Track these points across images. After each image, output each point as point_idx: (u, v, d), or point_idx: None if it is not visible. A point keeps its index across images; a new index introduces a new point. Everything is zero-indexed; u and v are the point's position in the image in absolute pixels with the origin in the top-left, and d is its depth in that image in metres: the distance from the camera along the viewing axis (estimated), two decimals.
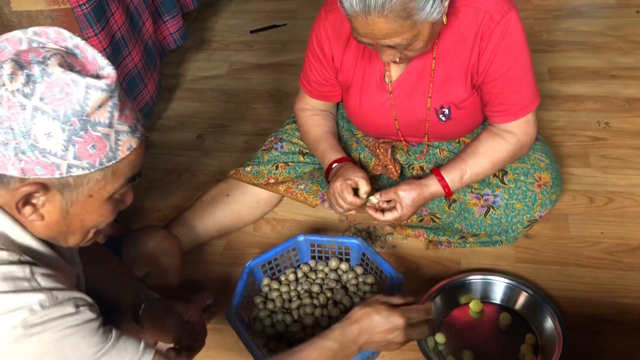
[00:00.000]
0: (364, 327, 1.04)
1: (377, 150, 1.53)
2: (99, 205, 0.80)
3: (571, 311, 1.34)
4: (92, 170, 0.75)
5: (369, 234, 1.58)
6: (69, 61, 0.73)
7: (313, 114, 1.56)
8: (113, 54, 1.75)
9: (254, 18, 2.75)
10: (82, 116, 0.71)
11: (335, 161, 1.46)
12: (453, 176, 1.38)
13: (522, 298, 1.35)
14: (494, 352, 1.28)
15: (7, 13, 1.67)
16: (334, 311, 1.30)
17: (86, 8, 1.61)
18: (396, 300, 1.09)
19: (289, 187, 1.58)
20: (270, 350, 1.26)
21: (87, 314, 0.78)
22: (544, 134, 1.84)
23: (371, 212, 1.38)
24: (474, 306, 1.36)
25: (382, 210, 1.38)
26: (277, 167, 1.60)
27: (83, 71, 0.74)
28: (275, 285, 1.38)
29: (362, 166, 1.58)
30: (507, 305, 1.36)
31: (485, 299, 1.38)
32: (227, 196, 1.59)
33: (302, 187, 1.58)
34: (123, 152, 0.77)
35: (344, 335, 1.03)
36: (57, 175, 0.73)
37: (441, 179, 1.38)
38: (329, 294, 1.35)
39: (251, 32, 2.65)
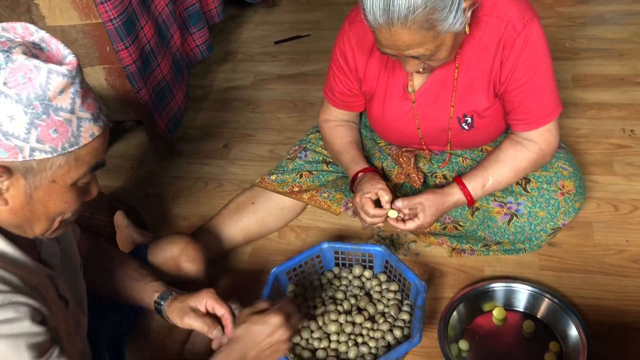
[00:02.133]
0: (247, 342, 1.03)
1: (400, 159, 1.55)
2: (63, 191, 0.81)
3: (595, 319, 1.34)
4: (55, 155, 0.76)
5: (392, 242, 1.60)
6: (34, 52, 0.76)
7: (337, 124, 1.58)
8: (143, 66, 1.81)
9: (278, 29, 2.80)
10: (44, 100, 0.74)
11: (359, 172, 1.47)
12: (475, 184, 1.39)
13: (545, 306, 1.35)
14: None
15: (41, 28, 1.73)
16: (358, 318, 1.32)
17: (117, 22, 1.67)
18: (261, 305, 1.09)
19: (312, 195, 1.61)
20: (296, 355, 1.29)
21: (25, 325, 0.77)
22: (567, 141, 1.84)
23: (392, 222, 1.39)
24: (497, 314, 1.37)
25: (404, 220, 1.39)
26: (301, 176, 1.63)
27: (49, 60, 0.76)
28: (299, 291, 1.41)
29: (385, 175, 1.60)
30: (530, 313, 1.37)
31: (508, 306, 1.39)
32: (252, 204, 1.62)
33: (326, 195, 1.60)
34: (85, 139, 0.78)
35: (230, 358, 1.02)
36: (20, 159, 0.74)
37: (463, 187, 1.39)
38: (353, 301, 1.37)
39: (275, 43, 2.70)
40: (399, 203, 1.37)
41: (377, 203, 1.39)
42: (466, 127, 1.41)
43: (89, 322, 1.19)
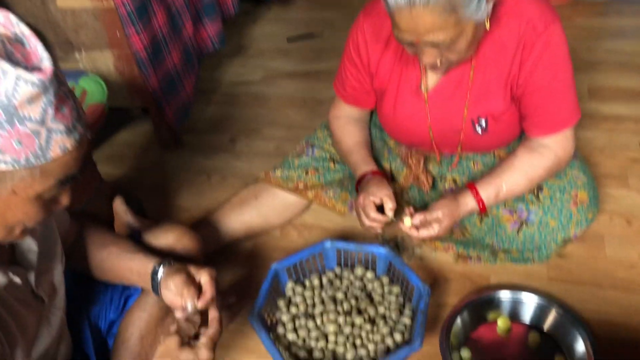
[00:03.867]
0: None
1: (409, 161, 1.51)
2: (23, 203, 0.75)
3: (604, 334, 1.29)
4: (17, 167, 0.70)
5: (396, 244, 1.56)
6: (9, 49, 0.69)
7: (347, 122, 1.54)
8: (154, 54, 1.78)
9: (291, 27, 2.77)
10: (9, 108, 0.66)
11: (365, 174, 1.43)
12: (489, 192, 1.34)
13: (552, 318, 1.31)
14: None
15: (52, 10, 1.71)
16: (357, 319, 1.28)
17: (130, 7, 1.64)
18: (189, 332, 1.01)
19: (317, 193, 1.57)
20: (292, 354, 1.24)
21: None
22: (582, 153, 1.80)
23: (405, 229, 1.34)
24: (502, 323, 1.33)
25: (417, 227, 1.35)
26: (307, 173, 1.59)
27: (24, 61, 0.69)
28: (299, 289, 1.37)
29: (393, 176, 1.56)
30: (536, 325, 1.32)
31: (514, 316, 1.34)
32: (255, 199, 1.59)
33: (331, 193, 1.57)
34: (55, 152, 0.72)
35: None
36: None
37: (476, 195, 1.34)
38: (353, 302, 1.33)
39: (288, 40, 2.67)
40: (416, 220, 1.32)
41: (380, 208, 1.35)
42: (479, 130, 1.37)
43: (76, 308, 1.16)
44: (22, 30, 0.72)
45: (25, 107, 0.68)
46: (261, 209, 1.59)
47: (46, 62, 0.70)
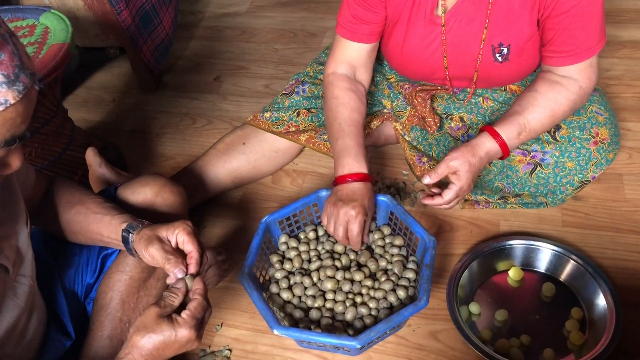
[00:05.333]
0: (149, 354, 0.84)
1: (415, 100, 1.37)
2: None
3: (623, 283, 1.20)
4: None
5: (398, 191, 1.45)
6: None
7: (349, 88, 1.30)
8: None
9: None
10: None
11: (351, 175, 1.20)
12: (510, 134, 1.18)
13: (568, 267, 1.21)
14: (535, 327, 1.15)
15: None
16: (357, 275, 1.18)
17: None
18: (172, 301, 0.87)
19: (311, 137, 1.44)
20: (286, 315, 1.15)
21: None
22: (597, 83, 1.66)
23: (427, 201, 1.19)
24: (513, 274, 1.23)
25: (436, 194, 1.19)
26: (298, 114, 1.45)
27: None
28: (293, 243, 1.26)
29: (395, 115, 1.42)
30: (551, 275, 1.23)
31: (526, 266, 1.25)
32: (243, 144, 1.45)
33: (326, 137, 1.43)
34: None
35: None
36: None
37: (496, 136, 1.18)
38: (352, 256, 1.23)
39: None
40: (426, 180, 1.16)
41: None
42: (500, 58, 1.22)
43: (49, 273, 1.06)
44: None
45: None
46: (250, 155, 1.46)
47: None
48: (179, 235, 0.93)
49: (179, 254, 0.92)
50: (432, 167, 1.24)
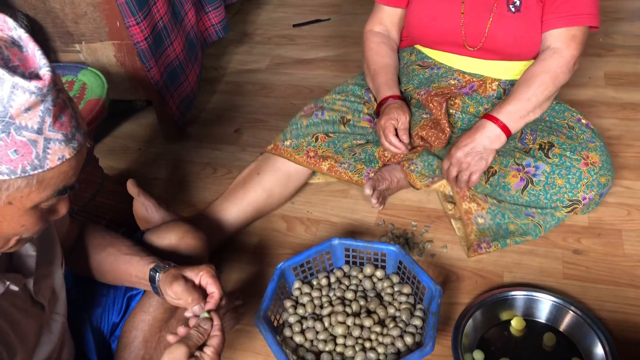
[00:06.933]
0: None
1: (430, 104, 1.51)
2: (20, 214, 0.73)
3: (622, 335, 1.25)
4: (13, 177, 0.68)
5: (406, 241, 1.52)
6: (6, 54, 0.67)
7: (382, 41, 1.64)
8: (155, 44, 1.73)
9: (297, 12, 2.71)
10: (5, 117, 0.64)
11: (388, 97, 1.53)
12: (504, 112, 1.38)
13: (568, 318, 1.26)
14: None
15: (51, 0, 1.66)
16: (367, 321, 1.24)
17: None
18: (198, 341, 0.93)
19: (332, 166, 1.53)
20: (299, 357, 1.21)
21: None
22: None
23: (452, 185, 1.47)
24: (516, 324, 1.28)
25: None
26: (316, 139, 1.55)
27: (21, 67, 0.67)
28: (306, 289, 1.33)
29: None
30: (552, 325, 1.28)
31: (528, 316, 1.30)
32: (257, 175, 1.55)
33: (346, 165, 1.53)
34: (52, 162, 0.70)
35: None
36: None
37: (494, 120, 1.38)
38: (362, 302, 1.29)
39: (294, 26, 2.60)
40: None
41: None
42: (513, 9, 1.39)
43: (78, 312, 1.13)
44: (20, 34, 0.69)
45: (22, 116, 0.66)
46: (265, 184, 1.55)
47: (45, 69, 0.68)
48: (203, 278, 1.01)
49: (201, 294, 1.00)
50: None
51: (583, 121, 1.49)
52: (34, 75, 0.67)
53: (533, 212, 1.43)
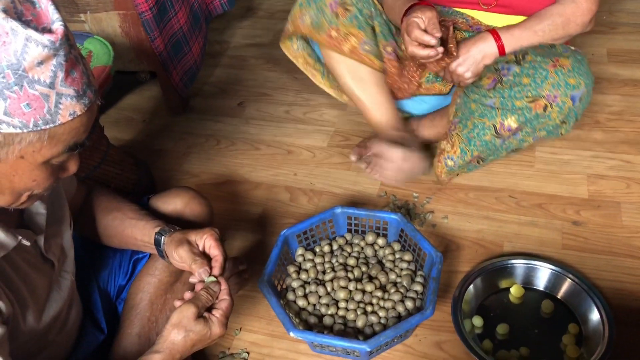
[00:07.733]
0: (184, 349, 0.92)
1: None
2: (31, 168, 0.74)
3: (618, 303, 1.27)
4: (25, 131, 0.68)
5: (408, 211, 1.54)
6: (19, 8, 0.67)
7: None
8: (159, 14, 1.73)
9: None
10: (18, 70, 0.65)
11: (413, 4, 1.40)
12: (511, 33, 1.39)
13: (566, 286, 1.28)
14: (534, 340, 1.23)
15: None
16: (368, 286, 1.26)
17: None
18: (207, 302, 0.96)
19: (354, 48, 1.50)
20: (301, 320, 1.24)
21: None
22: (599, 118, 1.76)
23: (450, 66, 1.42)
24: (515, 291, 1.31)
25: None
26: (337, 16, 1.49)
27: (34, 22, 0.67)
28: (309, 255, 1.35)
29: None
30: (550, 293, 1.30)
31: (527, 284, 1.32)
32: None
33: (368, 47, 1.50)
34: (64, 117, 0.70)
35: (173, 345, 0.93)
36: None
37: (494, 34, 1.39)
38: (364, 268, 1.32)
39: None
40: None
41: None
42: None
43: (85, 273, 1.15)
44: None
45: (35, 69, 0.66)
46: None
47: (57, 23, 0.68)
48: (207, 240, 1.03)
49: (205, 258, 1.02)
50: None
51: (571, 48, 1.47)
52: (47, 30, 0.68)
53: (494, 102, 1.43)
